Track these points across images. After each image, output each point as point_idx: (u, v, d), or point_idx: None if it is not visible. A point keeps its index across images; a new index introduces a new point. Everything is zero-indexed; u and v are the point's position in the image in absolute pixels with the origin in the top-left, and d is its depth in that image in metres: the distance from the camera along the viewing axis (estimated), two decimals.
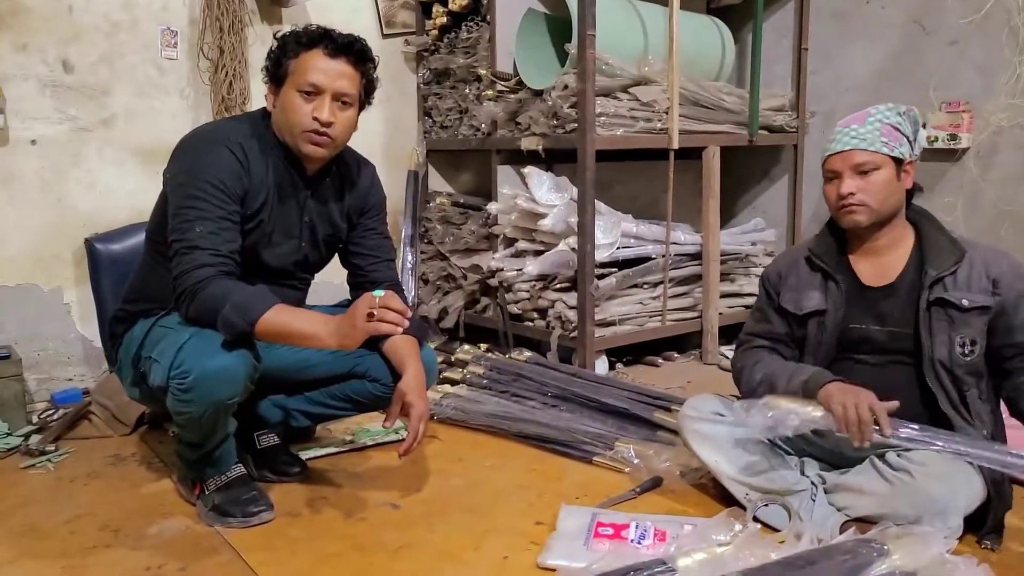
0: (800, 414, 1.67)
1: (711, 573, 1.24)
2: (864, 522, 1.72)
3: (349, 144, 2.00)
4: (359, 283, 2.12)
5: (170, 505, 1.99)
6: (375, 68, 1.94)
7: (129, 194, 2.98)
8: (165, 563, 1.70)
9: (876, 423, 1.61)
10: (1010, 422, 1.81)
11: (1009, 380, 1.77)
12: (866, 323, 1.84)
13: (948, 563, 1.20)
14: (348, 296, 2.18)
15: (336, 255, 2.15)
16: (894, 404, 1.64)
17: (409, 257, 3.49)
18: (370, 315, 1.63)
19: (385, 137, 3.53)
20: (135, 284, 2.02)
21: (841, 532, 1.68)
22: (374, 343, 1.93)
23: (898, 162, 1.79)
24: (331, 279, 2.48)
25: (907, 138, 1.79)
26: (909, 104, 1.88)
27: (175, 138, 1.97)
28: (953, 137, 3.12)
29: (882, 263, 1.85)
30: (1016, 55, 3.01)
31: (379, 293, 1.66)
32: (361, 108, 1.95)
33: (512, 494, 2.04)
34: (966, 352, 1.74)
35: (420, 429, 1.86)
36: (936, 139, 3.16)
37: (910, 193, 1.85)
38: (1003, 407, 1.82)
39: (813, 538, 1.44)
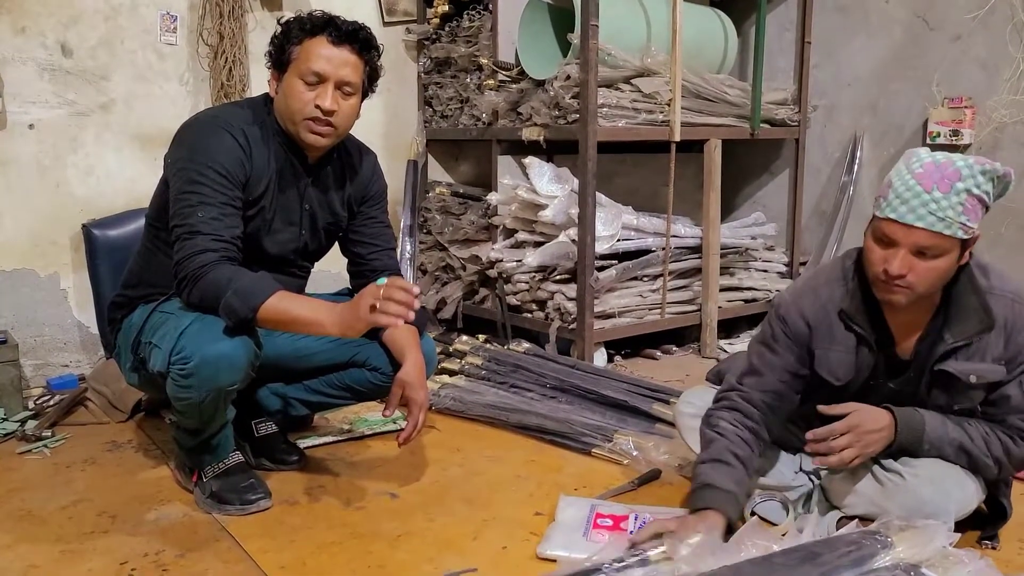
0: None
1: (715, 563, 1.24)
2: (860, 519, 1.72)
3: (350, 132, 1.99)
4: (359, 272, 2.11)
5: (167, 492, 1.99)
6: (379, 56, 1.93)
7: (127, 180, 2.96)
8: (163, 549, 1.70)
9: None
10: None
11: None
12: (882, 379, 1.68)
13: (951, 555, 1.20)
14: (348, 285, 2.18)
15: (336, 244, 2.14)
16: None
17: (408, 247, 3.48)
18: (373, 306, 1.60)
19: (385, 126, 3.51)
20: (135, 269, 2.01)
21: (838, 527, 1.67)
22: (374, 332, 1.92)
23: (965, 242, 1.50)
24: (329, 268, 2.48)
25: (987, 208, 1.50)
26: (909, 99, 1.82)
27: (174, 124, 1.96)
28: (955, 133, 3.12)
29: (907, 321, 1.63)
30: (1020, 51, 3.01)
31: (382, 281, 1.64)
32: (364, 96, 1.94)
33: (511, 485, 2.04)
34: (960, 412, 1.66)
35: (420, 418, 1.86)
36: (938, 135, 3.15)
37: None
38: None
39: (813, 532, 1.43)
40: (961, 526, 1.64)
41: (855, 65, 3.50)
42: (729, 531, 1.51)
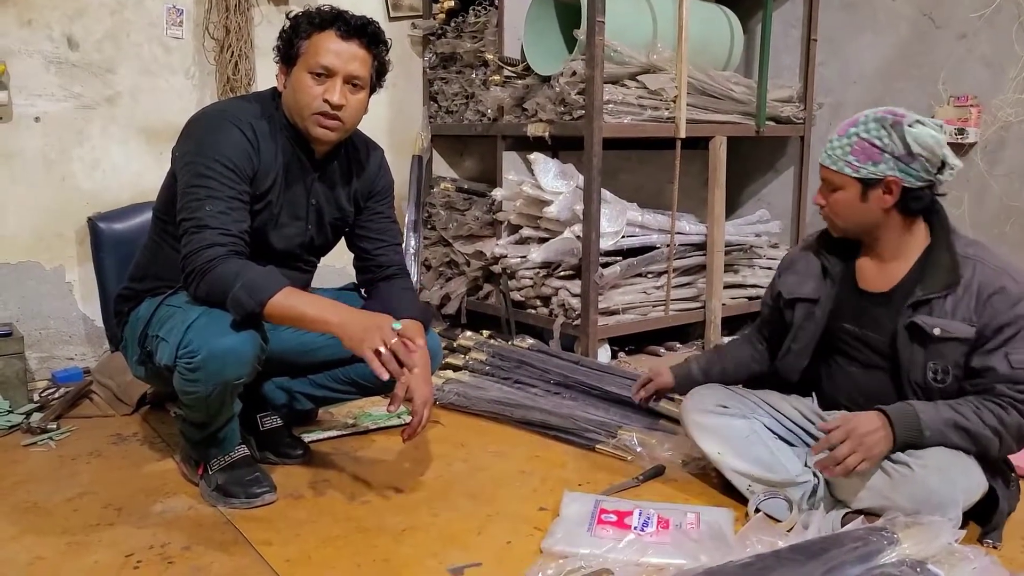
0: None
1: (722, 557, 1.24)
2: (866, 514, 1.72)
3: (358, 127, 1.99)
4: (366, 267, 2.11)
5: (173, 485, 1.99)
6: (387, 51, 1.93)
7: (133, 173, 2.97)
8: (169, 542, 1.70)
9: None
10: None
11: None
12: (858, 325, 1.82)
13: (957, 552, 1.21)
14: (354, 280, 2.18)
15: (343, 239, 2.14)
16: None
17: (412, 242, 3.48)
18: (377, 352, 1.66)
19: (390, 121, 3.51)
20: (141, 263, 2.01)
21: (843, 524, 1.68)
22: None
23: (869, 182, 1.69)
24: (334, 263, 2.48)
25: (891, 154, 1.67)
26: (916, 98, 1.85)
27: (180, 118, 1.96)
28: (960, 131, 3.11)
29: (886, 269, 1.79)
30: None
31: (398, 326, 1.72)
32: (372, 91, 1.94)
33: (515, 480, 2.04)
34: (938, 379, 1.71)
35: (424, 414, 1.86)
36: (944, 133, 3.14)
37: (917, 206, 1.73)
38: None
39: (819, 528, 1.44)
40: (964, 519, 1.64)
41: (861, 63, 3.49)
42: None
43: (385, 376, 1.68)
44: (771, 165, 3.84)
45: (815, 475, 1.84)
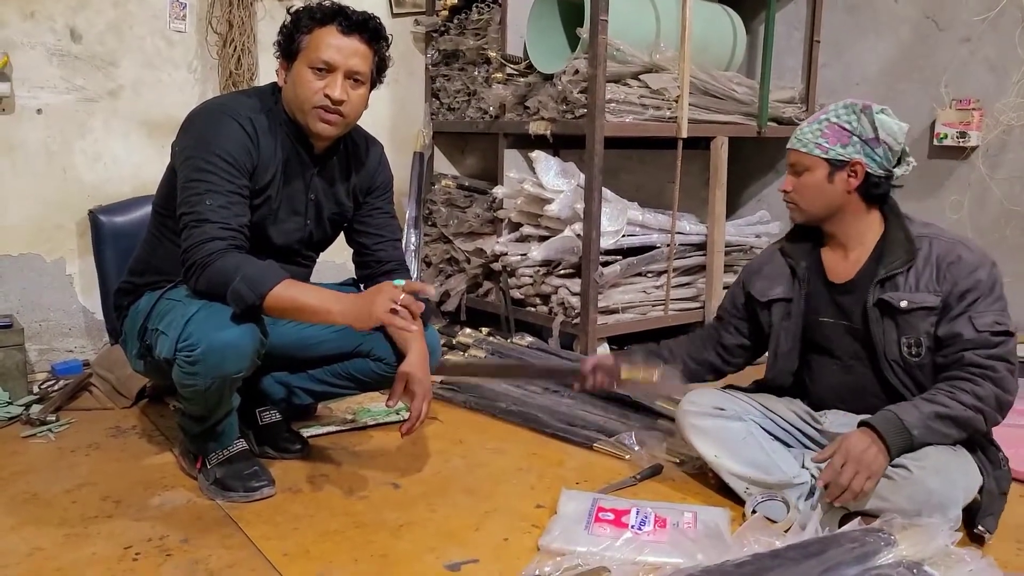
0: None
1: (719, 556, 1.25)
2: (863, 515, 1.72)
3: (358, 123, 1.99)
4: (365, 262, 2.12)
5: (171, 478, 1.99)
6: (388, 47, 1.93)
7: (134, 166, 2.97)
8: (167, 535, 1.71)
9: None
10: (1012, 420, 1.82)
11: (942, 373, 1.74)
12: (833, 317, 1.87)
13: (953, 554, 1.21)
14: (353, 275, 2.18)
15: (342, 234, 2.15)
16: None
17: (413, 239, 3.48)
18: (393, 310, 1.61)
19: (391, 118, 3.51)
20: (141, 256, 2.01)
21: (840, 525, 1.68)
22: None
23: (837, 163, 1.78)
24: (333, 259, 2.48)
25: (859, 137, 1.77)
26: (917, 101, 1.88)
27: (182, 112, 1.96)
28: (962, 135, 3.11)
29: (848, 258, 1.87)
30: None
31: (400, 283, 1.67)
32: (372, 86, 1.94)
33: (513, 477, 2.05)
34: (912, 353, 1.76)
35: (423, 409, 1.87)
36: (945, 136, 3.15)
37: (878, 192, 1.81)
38: None
39: (816, 529, 1.44)
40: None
41: (863, 65, 3.49)
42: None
43: (414, 328, 1.66)
44: (772, 166, 3.84)
45: (812, 476, 1.84)
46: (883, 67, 3.42)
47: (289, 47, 1.86)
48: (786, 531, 1.46)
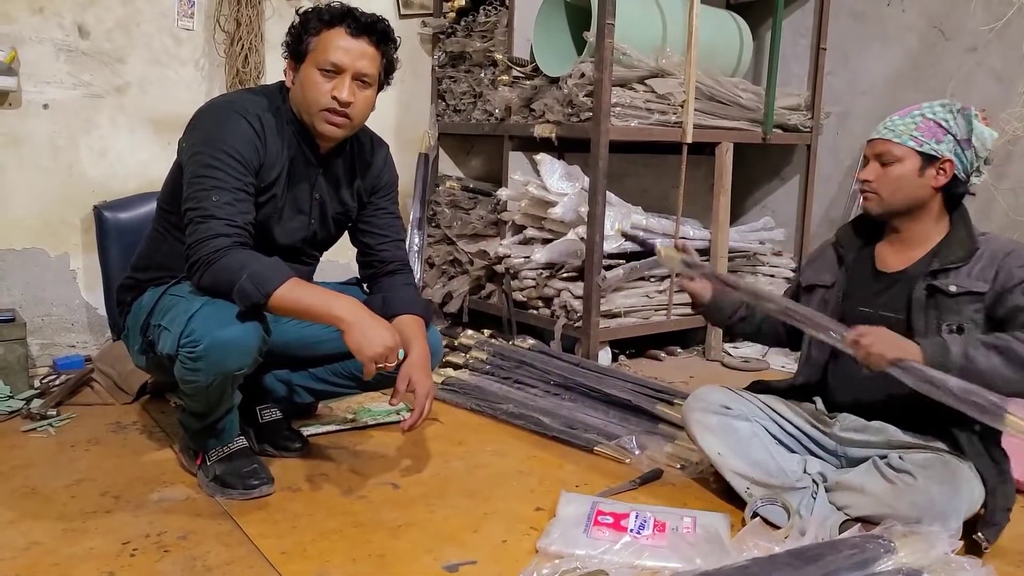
0: None
1: (718, 561, 1.24)
2: (863, 522, 1.72)
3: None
4: (368, 262, 2.12)
5: (171, 474, 1.99)
6: (396, 49, 1.93)
7: (140, 163, 2.97)
8: (165, 531, 1.71)
9: None
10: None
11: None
12: (874, 307, 1.86)
13: (953, 563, 1.21)
14: (356, 275, 2.18)
15: (346, 234, 2.15)
16: None
17: (416, 240, 3.48)
18: (381, 368, 1.71)
19: (397, 118, 3.52)
20: (145, 252, 2.02)
21: (841, 531, 1.68)
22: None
23: (929, 158, 1.77)
24: (337, 258, 2.48)
25: (953, 136, 1.77)
26: None
27: (188, 109, 1.96)
28: None
29: (905, 253, 1.86)
30: None
31: (402, 355, 1.79)
32: (380, 88, 1.94)
33: (512, 479, 2.05)
34: (953, 333, 1.74)
35: (425, 406, 1.87)
36: None
37: (957, 193, 1.82)
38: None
39: (815, 534, 1.44)
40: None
41: (870, 73, 3.49)
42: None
43: (368, 379, 1.75)
44: (777, 173, 3.84)
45: (814, 481, 1.84)
46: (889, 75, 3.42)
47: (297, 48, 1.86)
48: (786, 537, 1.46)
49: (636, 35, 3.01)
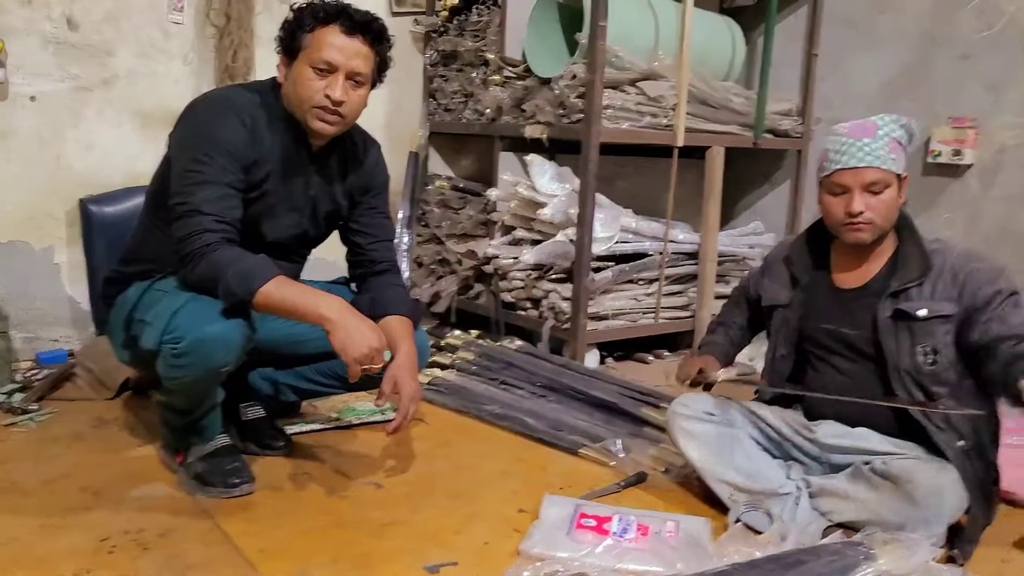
0: None
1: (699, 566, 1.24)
2: (846, 528, 1.72)
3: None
4: (358, 261, 2.11)
5: (152, 471, 1.98)
6: (390, 48, 1.92)
7: (126, 157, 2.95)
8: (145, 528, 1.69)
9: None
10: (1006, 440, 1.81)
11: (995, 360, 1.69)
12: (836, 324, 1.87)
13: (933, 570, 1.20)
14: (345, 274, 2.17)
15: (336, 232, 2.13)
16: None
17: (405, 239, 3.47)
18: (366, 369, 1.69)
19: (388, 117, 3.51)
20: (132, 246, 2.00)
21: (824, 537, 1.68)
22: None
23: (899, 177, 1.80)
24: (325, 256, 2.46)
25: (905, 151, 1.81)
26: (914, 117, 1.88)
27: (176, 103, 1.95)
28: (957, 153, 3.12)
29: (862, 269, 1.87)
30: None
31: (388, 356, 1.77)
32: (372, 87, 1.93)
33: (496, 481, 2.04)
34: (929, 361, 1.76)
35: (410, 409, 1.85)
36: (939, 154, 3.15)
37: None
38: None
39: (797, 540, 1.43)
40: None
41: (861, 79, 3.49)
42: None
43: (353, 380, 1.72)
44: (767, 177, 3.84)
45: (797, 487, 1.84)
46: (880, 82, 3.42)
47: (291, 44, 1.85)
48: (768, 543, 1.45)
49: (629, 37, 3.01)
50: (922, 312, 1.75)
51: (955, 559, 1.64)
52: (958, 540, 1.68)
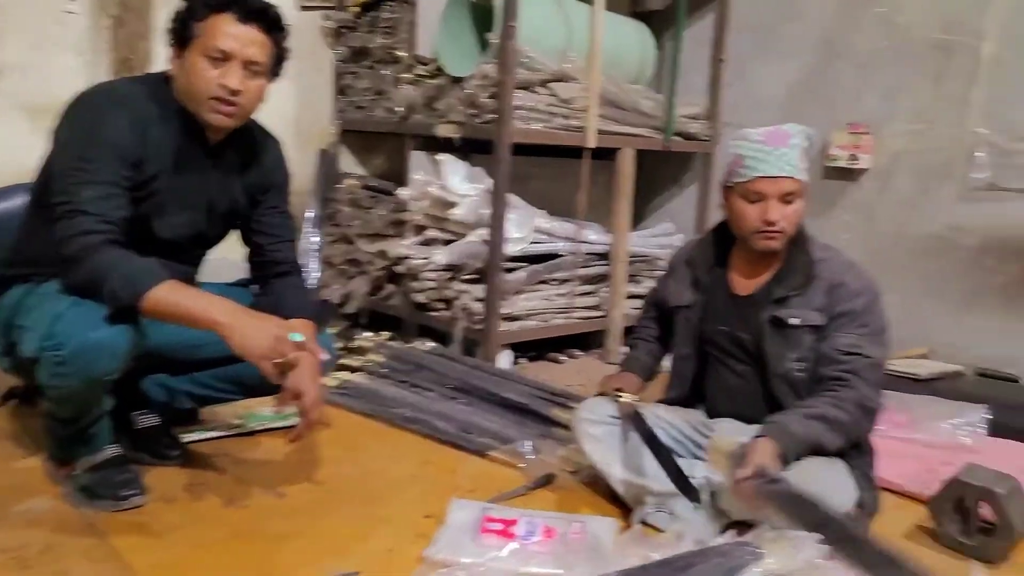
0: None
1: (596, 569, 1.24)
2: (747, 525, 1.76)
3: (258, 119, 1.92)
4: (260, 262, 2.04)
5: (37, 484, 1.87)
6: (287, 37, 1.87)
7: (13, 151, 2.78)
8: (27, 544, 1.60)
9: None
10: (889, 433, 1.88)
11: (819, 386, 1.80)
12: (732, 327, 1.92)
13: (819, 567, 1.24)
14: (247, 276, 2.10)
15: (236, 232, 2.06)
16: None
17: (314, 239, 3.39)
18: (279, 363, 1.64)
19: (296, 113, 3.42)
20: (15, 246, 1.89)
21: (722, 534, 1.71)
22: None
23: (805, 185, 1.84)
24: (227, 255, 2.38)
25: (810, 161, 1.85)
26: (815, 122, 1.95)
27: (69, 97, 1.85)
28: (854, 157, 3.24)
29: (757, 273, 1.91)
30: (919, 82, 3.15)
31: (298, 338, 1.68)
32: (271, 79, 1.87)
33: (404, 486, 2.01)
34: (798, 368, 1.82)
35: (313, 414, 1.80)
36: (837, 159, 3.27)
37: None
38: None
39: (694, 540, 1.46)
40: None
41: (766, 85, 3.59)
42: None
43: (273, 379, 1.66)
44: (677, 180, 3.92)
45: (699, 485, 1.87)
46: (784, 88, 3.53)
47: (183, 34, 1.77)
48: (666, 544, 1.47)
49: (540, 38, 3.02)
50: (794, 320, 1.81)
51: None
52: None
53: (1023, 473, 2.16)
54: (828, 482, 1.70)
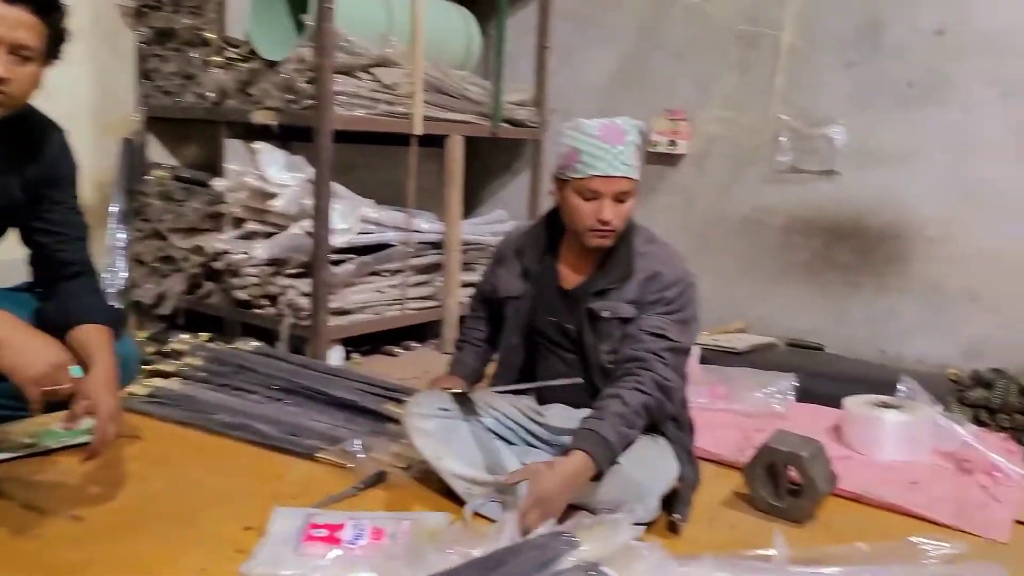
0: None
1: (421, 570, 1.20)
2: (578, 508, 1.77)
3: (42, 106, 1.74)
4: (44, 264, 1.85)
5: None
6: (64, 18, 1.68)
7: None
8: None
9: None
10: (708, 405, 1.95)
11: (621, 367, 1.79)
12: (559, 318, 1.93)
13: (632, 550, 1.26)
14: (31, 279, 1.89)
15: (14, 232, 1.85)
16: None
17: (120, 235, 3.13)
18: (49, 392, 1.51)
19: (93, 100, 3.12)
20: None
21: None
22: (59, 335, 1.68)
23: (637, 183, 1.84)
24: (13, 255, 2.14)
25: (642, 159, 1.85)
26: (636, 109, 1.97)
27: None
28: (672, 143, 3.37)
29: (584, 265, 1.92)
30: (728, 71, 3.30)
31: (77, 372, 1.55)
32: (46, 62, 1.68)
33: (221, 498, 1.87)
34: (609, 359, 1.85)
35: (109, 429, 1.64)
36: (657, 144, 3.39)
37: None
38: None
39: (517, 530, 1.44)
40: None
41: (590, 73, 3.66)
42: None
43: (35, 405, 1.52)
44: (508, 166, 3.93)
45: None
46: (608, 76, 3.61)
47: None
48: (487, 536, 1.44)
49: (359, 21, 2.92)
50: (605, 313, 1.84)
51: (675, 523, 1.75)
52: (675, 504, 1.79)
53: (827, 434, 2.33)
54: (652, 460, 1.75)
